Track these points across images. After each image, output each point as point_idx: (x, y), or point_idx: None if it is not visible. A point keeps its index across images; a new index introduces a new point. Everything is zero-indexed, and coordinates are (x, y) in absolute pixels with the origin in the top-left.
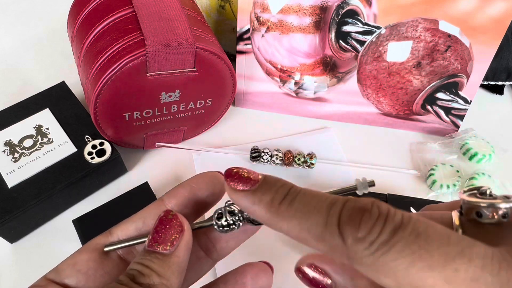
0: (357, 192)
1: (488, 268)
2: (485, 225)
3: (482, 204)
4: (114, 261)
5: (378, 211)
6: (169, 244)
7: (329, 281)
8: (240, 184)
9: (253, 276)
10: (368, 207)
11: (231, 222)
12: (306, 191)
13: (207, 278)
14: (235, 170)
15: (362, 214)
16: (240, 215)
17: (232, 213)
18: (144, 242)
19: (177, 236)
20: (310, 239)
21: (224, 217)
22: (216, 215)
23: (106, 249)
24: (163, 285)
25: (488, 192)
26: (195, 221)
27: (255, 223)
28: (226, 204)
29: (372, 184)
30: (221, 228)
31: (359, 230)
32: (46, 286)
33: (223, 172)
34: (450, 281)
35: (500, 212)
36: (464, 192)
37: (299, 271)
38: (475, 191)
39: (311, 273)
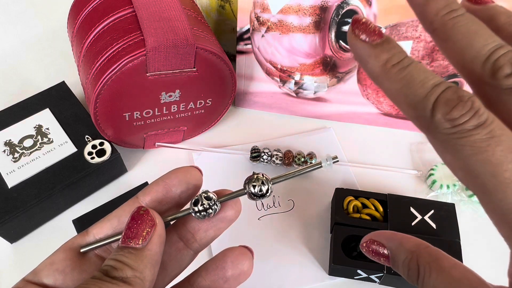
0: (323, 167)
1: None
2: None
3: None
4: (91, 259)
5: (471, 105)
6: (141, 238)
7: (386, 251)
8: (364, 35)
9: (233, 260)
10: (465, 99)
11: (207, 206)
12: (418, 65)
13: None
14: (363, 20)
15: (458, 102)
16: (216, 199)
17: (208, 198)
18: (119, 239)
19: (149, 230)
20: (403, 104)
21: (200, 202)
22: (192, 201)
23: (82, 250)
24: (136, 277)
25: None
26: (169, 214)
27: (255, 196)
28: (203, 191)
29: (335, 159)
30: (198, 214)
31: (450, 113)
32: (25, 287)
33: (199, 167)
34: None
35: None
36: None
37: (362, 246)
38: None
39: (371, 246)
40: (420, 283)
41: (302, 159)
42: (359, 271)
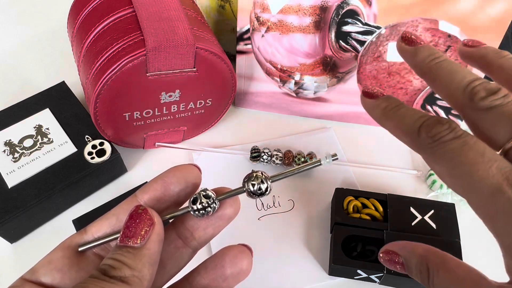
0: (322, 165)
1: None
2: None
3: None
4: (89, 258)
5: (449, 125)
6: (139, 237)
7: (400, 259)
8: (370, 96)
9: (231, 258)
10: (444, 122)
11: (206, 204)
12: (409, 107)
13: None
14: (369, 88)
15: (437, 124)
16: (214, 197)
17: (207, 196)
18: (117, 238)
19: (148, 229)
20: (400, 134)
21: (199, 200)
22: (191, 199)
23: (80, 249)
24: (134, 277)
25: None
26: (168, 212)
27: (255, 194)
28: (201, 189)
29: (335, 157)
30: (196, 212)
31: (430, 131)
32: (22, 286)
33: (198, 165)
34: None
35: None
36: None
37: (380, 257)
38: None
39: (387, 256)
40: (430, 283)
41: (302, 159)
42: (359, 271)
